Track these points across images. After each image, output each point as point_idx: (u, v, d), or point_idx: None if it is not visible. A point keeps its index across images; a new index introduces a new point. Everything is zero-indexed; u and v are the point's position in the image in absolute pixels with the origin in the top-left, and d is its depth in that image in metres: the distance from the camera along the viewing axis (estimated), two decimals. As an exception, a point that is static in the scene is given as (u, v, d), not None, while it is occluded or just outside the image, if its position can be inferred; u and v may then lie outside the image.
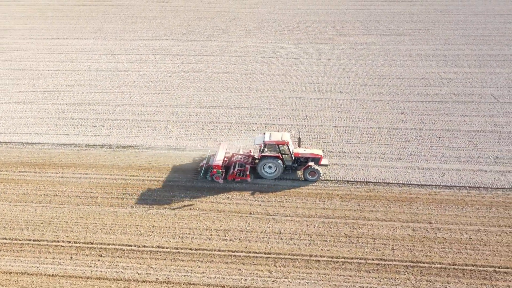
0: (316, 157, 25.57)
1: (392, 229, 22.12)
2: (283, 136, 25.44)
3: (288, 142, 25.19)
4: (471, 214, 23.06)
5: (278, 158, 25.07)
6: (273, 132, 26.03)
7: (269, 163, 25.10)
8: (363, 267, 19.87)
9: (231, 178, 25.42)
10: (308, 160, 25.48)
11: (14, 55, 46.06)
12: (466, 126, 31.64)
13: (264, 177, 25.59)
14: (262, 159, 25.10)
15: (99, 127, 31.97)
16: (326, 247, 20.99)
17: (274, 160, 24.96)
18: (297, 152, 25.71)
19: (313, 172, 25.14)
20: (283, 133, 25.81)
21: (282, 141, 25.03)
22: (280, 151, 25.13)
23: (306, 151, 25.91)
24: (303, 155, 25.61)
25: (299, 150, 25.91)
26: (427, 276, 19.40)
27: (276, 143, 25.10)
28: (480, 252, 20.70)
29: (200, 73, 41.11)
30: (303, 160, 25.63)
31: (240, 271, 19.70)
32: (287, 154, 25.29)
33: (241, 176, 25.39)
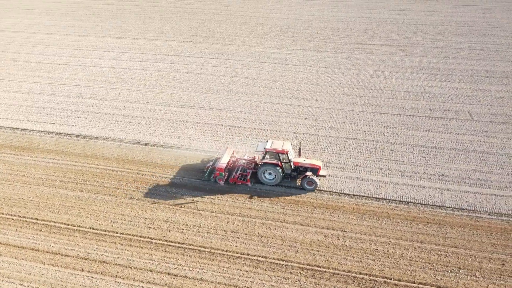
0: (314, 167, 26.31)
1: (305, 233, 23.38)
2: (284, 145, 26.40)
3: (288, 151, 26.06)
4: (388, 227, 23.75)
5: (278, 165, 25.98)
6: (275, 141, 27.15)
7: (269, 170, 26.11)
8: (262, 265, 21.41)
9: (233, 181, 26.72)
10: (307, 170, 26.28)
11: (35, 49, 51.21)
12: (425, 142, 31.74)
13: (264, 183, 26.60)
14: (263, 165, 26.10)
15: (82, 118, 35.47)
16: (235, 243, 22.71)
17: (274, 167, 25.91)
18: (296, 161, 26.53)
19: (310, 182, 25.84)
20: (284, 142, 26.81)
21: (282, 150, 25.96)
22: (280, 159, 26.08)
23: (306, 161, 26.65)
24: (302, 165, 26.41)
25: (299, 160, 26.71)
26: (317, 279, 20.59)
27: (276, 151, 26.03)
28: (379, 263, 21.50)
29: (191, 74, 43.73)
30: (302, 169, 26.45)
31: (151, 256, 21.96)
32: (286, 162, 26.15)
33: (242, 180, 26.74)
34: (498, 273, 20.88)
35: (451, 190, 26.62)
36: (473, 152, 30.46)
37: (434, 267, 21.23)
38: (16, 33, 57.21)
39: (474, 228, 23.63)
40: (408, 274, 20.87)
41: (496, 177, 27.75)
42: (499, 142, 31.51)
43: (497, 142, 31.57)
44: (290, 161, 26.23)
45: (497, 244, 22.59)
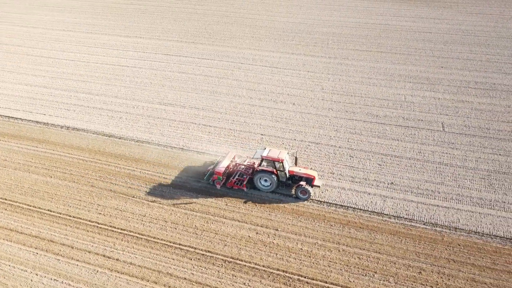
0: (309, 177, 26.67)
1: (239, 229, 24.80)
2: (280, 153, 26.90)
3: (283, 160, 26.46)
4: (319, 229, 24.73)
5: (274, 173, 26.59)
6: (272, 149, 27.65)
7: (265, 177, 26.76)
8: (189, 254, 23.07)
9: (230, 185, 27.54)
10: (302, 179, 26.81)
11: (49, 45, 55.17)
12: (387, 150, 32.19)
13: (260, 189, 27.31)
14: (259, 172, 26.81)
15: (71, 111, 38.40)
16: (171, 233, 24.48)
17: (269, 174, 26.53)
18: (292, 170, 26.95)
19: (304, 191, 26.28)
20: (281, 151, 27.32)
21: (277, 158, 26.46)
22: (275, 167, 26.66)
23: (301, 171, 26.96)
24: (297, 174, 26.85)
25: (295, 169, 27.08)
26: (236, 272, 22.00)
27: (272, 159, 26.52)
28: (299, 261, 22.60)
29: (182, 73, 45.92)
30: (297, 178, 26.95)
31: (93, 239, 24.12)
32: (281, 171, 26.61)
33: (238, 185, 27.46)
34: (411, 280, 21.47)
35: (395, 198, 27.13)
36: (431, 162, 30.65)
37: (350, 270, 22.09)
38: (36, 29, 61.69)
39: (404, 236, 24.18)
40: (323, 274, 21.86)
41: (446, 189, 27.95)
42: (461, 155, 31.47)
43: (459, 154, 31.55)
44: (285, 170, 26.63)
45: (421, 253, 23.07)
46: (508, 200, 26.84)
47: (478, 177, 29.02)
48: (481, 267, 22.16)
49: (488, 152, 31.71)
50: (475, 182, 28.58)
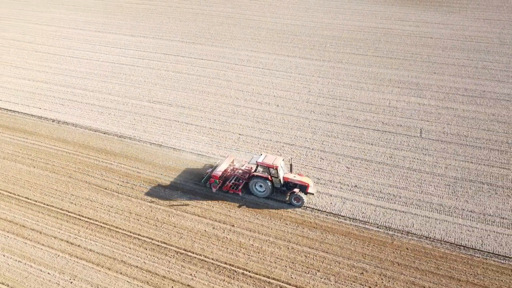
0: (303, 184, 26.90)
1: (198, 223, 26.00)
2: (275, 160, 27.11)
3: (278, 167, 26.68)
4: (274, 227, 25.62)
5: (268, 179, 26.98)
6: (268, 155, 27.86)
7: (260, 182, 27.13)
8: (145, 244, 24.43)
9: (225, 189, 28.03)
10: (296, 186, 27.10)
11: (57, 42, 57.92)
12: (358, 154, 32.68)
13: (255, 194, 27.70)
14: (254, 178, 27.19)
15: (65, 106, 40.55)
16: (133, 224, 25.93)
17: (264, 180, 26.90)
18: (286, 177, 27.18)
19: (297, 198, 26.57)
20: (276, 157, 27.49)
21: (271, 165, 26.70)
22: (270, 173, 27.07)
23: (296, 178, 27.20)
24: (292, 181, 27.10)
25: (289, 176, 27.33)
26: (185, 263, 23.18)
27: (267, 165, 26.77)
28: (247, 256, 23.59)
29: (176, 73, 47.52)
30: (292, 185, 27.20)
31: (61, 226, 25.84)
32: (276, 177, 26.91)
33: (234, 189, 27.92)
34: (352, 280, 22.13)
35: (355, 201, 27.71)
36: (400, 167, 30.98)
37: (294, 267, 22.94)
38: (49, 26, 64.74)
39: (355, 238, 24.79)
40: (268, 269, 22.79)
41: (408, 194, 28.30)
42: (432, 161, 31.65)
43: (430, 160, 31.73)
44: (280, 176, 26.92)
45: (368, 254, 23.66)
46: (467, 207, 26.98)
47: (443, 184, 29.21)
48: (424, 271, 22.58)
49: (460, 160, 31.76)
50: (439, 188, 28.79)
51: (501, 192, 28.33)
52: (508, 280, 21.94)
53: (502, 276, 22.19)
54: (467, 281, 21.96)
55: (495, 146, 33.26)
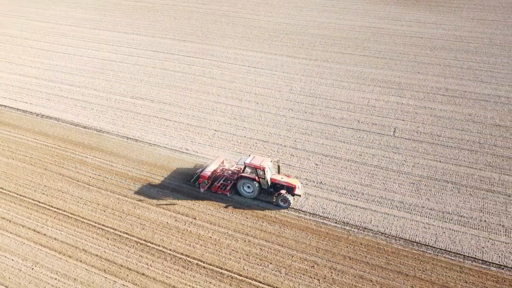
0: (290, 186, 26.94)
1: (161, 215, 26.80)
2: (263, 161, 27.26)
3: (265, 168, 26.82)
4: (235, 221, 26.28)
5: (256, 180, 27.15)
6: (256, 156, 28.00)
7: (248, 183, 27.33)
8: (108, 234, 25.31)
9: (214, 189, 28.22)
10: (283, 187, 27.25)
11: (52, 38, 59.29)
12: (329, 151, 33.14)
13: (243, 195, 27.88)
14: (241, 178, 27.42)
15: (51, 101, 41.71)
16: (99, 215, 26.83)
17: (251, 181, 27.09)
18: (274, 178, 27.33)
19: (284, 200, 26.69)
20: (264, 159, 27.65)
21: (259, 166, 26.79)
22: (257, 175, 27.24)
23: (283, 179, 27.30)
24: (279, 182, 27.17)
25: (277, 177, 27.46)
26: (144, 253, 24.01)
27: (254, 166, 26.89)
28: (204, 248, 24.32)
29: (163, 70, 48.41)
30: (279, 186, 27.24)
31: (30, 215, 26.86)
32: (263, 178, 27.09)
33: (222, 189, 28.24)
34: (302, 273, 22.73)
35: (318, 197, 28.24)
36: (368, 165, 31.40)
37: (248, 259, 23.60)
38: (47, 23, 66.23)
39: (312, 232, 25.35)
40: (222, 261, 23.49)
41: (372, 191, 28.74)
42: (400, 159, 32.01)
43: (399, 159, 32.09)
44: (267, 178, 27.08)
45: (321, 249, 24.21)
46: (428, 205, 27.34)
47: (408, 182, 29.57)
48: (374, 266, 23.07)
49: (429, 159, 32.05)
50: (403, 186, 29.17)
51: (464, 191, 28.61)
52: (455, 276, 22.32)
53: (449, 272, 22.57)
54: (414, 276, 22.40)
55: (466, 146, 33.46)
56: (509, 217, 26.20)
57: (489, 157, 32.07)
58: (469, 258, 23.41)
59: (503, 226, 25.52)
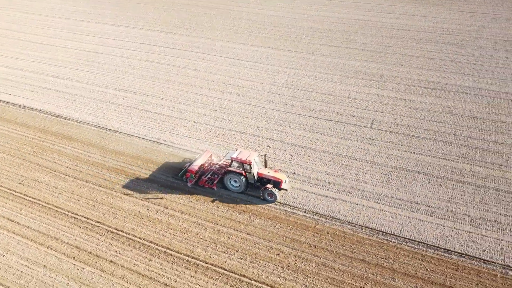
0: (277, 180, 27.01)
1: (133, 204, 27.23)
2: (249, 155, 27.26)
3: (251, 162, 26.84)
4: (206, 210, 26.68)
5: (242, 174, 27.20)
6: (243, 150, 27.95)
7: (234, 177, 27.39)
8: (80, 223, 25.77)
9: (201, 184, 28.25)
10: (269, 182, 27.30)
11: (42, 31, 59.49)
12: (305, 142, 33.47)
13: (230, 189, 27.95)
14: (228, 173, 27.49)
15: (34, 92, 42.06)
16: (73, 204, 27.27)
17: (238, 175, 27.13)
18: (260, 173, 27.38)
19: (271, 194, 26.73)
20: (251, 153, 27.61)
21: (245, 160, 26.80)
22: (244, 169, 27.33)
23: (269, 173, 27.38)
24: (265, 176, 27.23)
25: (263, 171, 27.53)
26: (114, 241, 24.46)
27: (240, 161, 26.91)
28: (172, 236, 24.77)
29: (148, 62, 48.65)
30: (266, 180, 27.32)
31: (5, 204, 27.31)
32: (249, 172, 27.15)
33: (209, 184, 28.40)
34: (266, 260, 23.18)
35: (290, 187, 28.56)
36: (342, 156, 31.74)
37: (215, 247, 24.06)
38: (37, 15, 66.41)
39: (280, 222, 25.76)
40: (189, 249, 23.96)
41: (343, 182, 29.10)
42: (375, 151, 32.33)
43: (373, 150, 32.42)
44: (253, 172, 27.15)
45: (288, 237, 24.64)
46: (397, 195, 27.72)
47: (380, 173, 29.93)
48: (338, 254, 23.50)
49: (404, 150, 32.38)
50: (375, 177, 29.53)
51: (434, 181, 28.97)
52: (416, 264, 22.75)
53: (411, 260, 23.00)
54: (376, 264, 22.84)
55: (441, 138, 33.75)
56: (475, 207, 26.57)
57: (463, 148, 32.38)
58: (432, 246, 23.82)
59: (469, 216, 25.90)
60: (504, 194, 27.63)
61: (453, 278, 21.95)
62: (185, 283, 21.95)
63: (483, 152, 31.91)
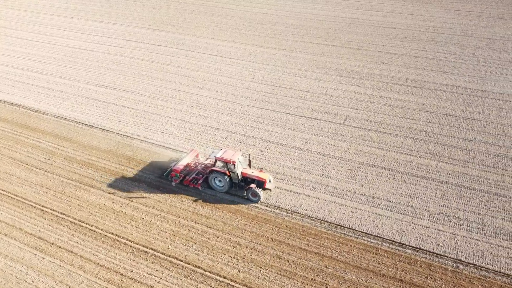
0: (260, 180, 26.93)
1: (100, 197, 27.70)
2: (233, 155, 27.14)
3: (235, 162, 26.70)
4: (170, 203, 27.12)
5: (226, 174, 27.09)
6: (228, 150, 27.82)
7: (219, 177, 27.30)
8: (45, 215, 26.29)
9: (186, 183, 28.14)
10: (253, 182, 27.21)
11: (30, 27, 60.17)
12: (276, 138, 33.82)
13: (214, 189, 27.86)
14: (212, 172, 27.46)
15: (16, 88, 42.69)
16: (41, 196, 27.81)
17: (222, 175, 27.02)
18: (245, 173, 27.30)
19: (254, 194, 26.55)
20: (235, 153, 27.48)
21: (229, 160, 26.68)
22: (228, 169, 27.26)
23: (254, 173, 27.22)
24: (249, 176, 27.14)
25: (247, 171, 27.41)
26: (76, 232, 24.97)
27: (224, 160, 26.78)
28: (135, 228, 25.24)
29: (131, 58, 49.17)
30: (250, 180, 27.25)
31: (-25, 196, 28.03)
32: (233, 172, 27.09)
33: (194, 183, 28.16)
34: (223, 252, 23.62)
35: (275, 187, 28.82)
36: (311, 152, 32.07)
37: (174, 239, 24.53)
38: (26, 12, 67.12)
39: (241, 215, 26.16)
40: (149, 240, 24.43)
41: (309, 177, 29.44)
42: (344, 147, 32.65)
43: (343, 146, 32.73)
44: (236, 172, 27.02)
45: (247, 230, 25.05)
46: (360, 190, 28.04)
47: (346, 168, 30.25)
48: (293, 247, 23.89)
49: (373, 146, 32.66)
50: (341, 172, 29.86)
51: (399, 177, 29.26)
52: (369, 257, 23.09)
53: (365, 253, 23.35)
54: (330, 257, 23.21)
55: (412, 134, 34.01)
56: (436, 202, 26.86)
57: (432, 145, 32.63)
58: (388, 240, 24.16)
59: (428, 211, 26.20)
60: (466, 190, 27.89)
61: (404, 271, 22.29)
62: (140, 273, 22.44)
63: (451, 149, 32.14)
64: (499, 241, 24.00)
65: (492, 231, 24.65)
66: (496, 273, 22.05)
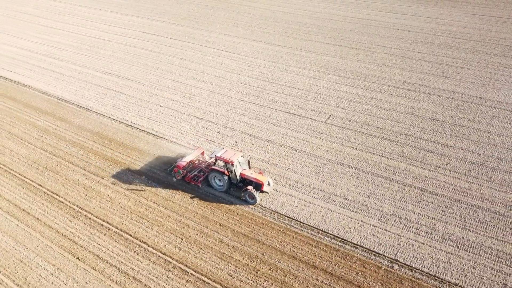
0: (258, 182, 26.85)
1: (75, 173, 30.01)
2: (234, 155, 27.29)
3: (233, 162, 26.85)
4: (138, 183, 28.96)
5: (225, 174, 27.31)
6: (229, 149, 28.11)
7: (218, 176, 27.66)
8: (25, 184, 28.94)
9: (187, 180, 28.62)
10: (251, 183, 27.27)
11: (60, 17, 64.61)
12: (256, 132, 34.70)
13: (214, 188, 28.10)
14: (212, 171, 27.79)
15: (32, 71, 46.41)
16: (30, 171, 30.50)
17: (221, 175, 27.27)
18: (243, 174, 27.31)
19: (251, 196, 26.59)
20: (236, 153, 27.64)
21: (228, 160, 26.80)
22: (227, 169, 27.61)
23: (252, 175, 27.13)
24: (248, 178, 27.11)
25: (246, 172, 27.35)
26: (54, 206, 27.31)
27: (224, 160, 26.95)
28: (97, 202, 27.24)
29: (142, 49, 51.73)
30: (248, 182, 27.23)
31: (-30, 163, 31.23)
32: (232, 172, 27.24)
33: (195, 181, 28.67)
34: (170, 231, 25.04)
35: (275, 190, 29.68)
36: (284, 147, 32.73)
37: (130, 216, 26.25)
38: (61, 3, 72.01)
39: (198, 200, 27.42)
40: (107, 215, 26.33)
41: (274, 169, 30.09)
42: (318, 144, 33.02)
43: (316, 143, 33.12)
44: (235, 172, 27.25)
45: (199, 214, 26.27)
46: (320, 186, 28.43)
47: (313, 165, 30.69)
48: (237, 233, 24.86)
49: (347, 145, 32.81)
50: (307, 168, 30.35)
51: (363, 177, 29.34)
52: (307, 249, 23.64)
53: (304, 245, 23.91)
54: (269, 246, 23.98)
55: (390, 137, 33.76)
56: (392, 204, 26.80)
57: (407, 148, 32.28)
58: (330, 235, 24.54)
59: (381, 212, 26.23)
60: (428, 194, 27.56)
61: (337, 266, 22.67)
62: (90, 243, 24.35)
63: (426, 153, 31.66)
64: (444, 246, 23.73)
65: (440, 236, 24.38)
66: (429, 276, 21.94)
